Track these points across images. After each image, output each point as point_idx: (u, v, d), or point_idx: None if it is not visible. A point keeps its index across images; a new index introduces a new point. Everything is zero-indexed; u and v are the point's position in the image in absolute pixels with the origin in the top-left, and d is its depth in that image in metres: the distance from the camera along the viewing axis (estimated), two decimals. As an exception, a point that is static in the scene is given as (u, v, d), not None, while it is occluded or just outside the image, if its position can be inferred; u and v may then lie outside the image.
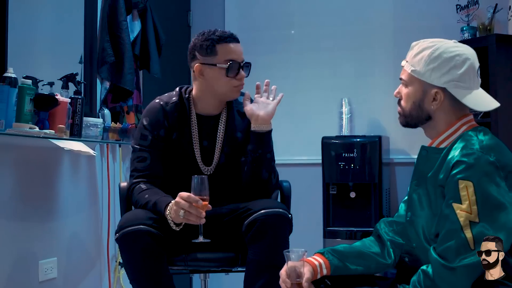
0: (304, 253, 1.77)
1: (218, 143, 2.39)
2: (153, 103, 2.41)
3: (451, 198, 1.65)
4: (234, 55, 2.32)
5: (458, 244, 1.60)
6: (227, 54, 2.31)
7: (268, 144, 2.34)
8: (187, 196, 2.08)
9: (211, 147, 2.39)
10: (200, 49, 2.32)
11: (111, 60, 3.32)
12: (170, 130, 2.37)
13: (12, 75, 2.47)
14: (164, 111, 2.37)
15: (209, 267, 2.37)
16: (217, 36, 2.31)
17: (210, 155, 2.39)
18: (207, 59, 2.31)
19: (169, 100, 2.40)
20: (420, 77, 1.77)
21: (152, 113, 2.37)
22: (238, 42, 2.35)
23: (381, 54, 4.03)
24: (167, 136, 2.36)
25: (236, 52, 2.32)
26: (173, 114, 2.37)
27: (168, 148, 2.37)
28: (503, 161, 1.66)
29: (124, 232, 2.14)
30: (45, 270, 2.86)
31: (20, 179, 2.74)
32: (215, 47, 2.30)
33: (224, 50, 2.30)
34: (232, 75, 2.31)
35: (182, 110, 2.39)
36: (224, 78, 2.31)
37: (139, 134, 2.37)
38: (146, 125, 2.36)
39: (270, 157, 2.34)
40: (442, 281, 1.62)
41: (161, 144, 2.35)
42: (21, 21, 2.79)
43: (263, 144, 2.32)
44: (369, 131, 3.95)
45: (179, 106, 2.39)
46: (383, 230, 1.95)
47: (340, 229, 3.71)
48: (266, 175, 2.32)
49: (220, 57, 2.30)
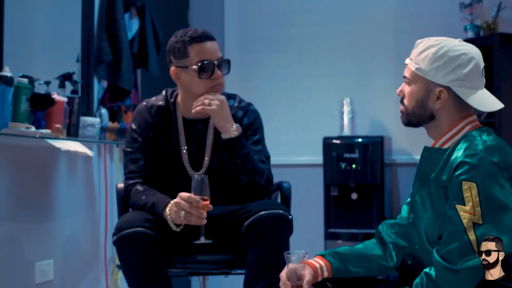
0: (305, 255, 1.75)
1: (208, 148, 2.36)
2: (140, 106, 2.40)
3: (454, 200, 1.63)
4: (206, 55, 2.25)
5: (461, 246, 1.59)
6: (199, 55, 2.25)
7: (235, 150, 2.25)
8: (187, 196, 2.07)
9: (200, 152, 2.36)
10: (173, 52, 2.28)
11: (108, 59, 3.31)
12: (157, 133, 2.35)
13: (8, 74, 2.46)
14: (150, 114, 2.36)
15: (208, 269, 2.35)
16: (188, 37, 2.25)
17: (200, 160, 2.36)
18: (180, 62, 2.27)
19: (155, 103, 2.38)
20: (424, 75, 1.75)
21: (140, 116, 2.37)
22: (211, 40, 2.28)
23: (383, 54, 4.01)
24: (155, 139, 2.35)
25: (208, 51, 2.26)
26: (158, 117, 2.36)
27: (156, 151, 2.36)
28: (507, 161, 1.65)
29: (121, 234, 2.13)
30: (42, 272, 2.85)
31: (16, 180, 2.73)
32: (186, 48, 2.25)
33: (195, 51, 2.25)
34: (206, 76, 2.25)
35: (167, 114, 2.37)
36: (198, 79, 2.25)
37: (129, 138, 2.37)
38: (135, 129, 2.35)
39: (242, 162, 2.25)
40: (445, 283, 1.60)
41: (151, 146, 2.35)
42: (17, 19, 2.80)
43: (229, 152, 2.26)
44: (371, 131, 3.94)
45: (164, 110, 2.37)
46: (385, 232, 1.94)
47: (342, 230, 3.70)
48: (246, 179, 2.26)
49: (191, 58, 2.25)
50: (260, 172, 2.28)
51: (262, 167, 2.30)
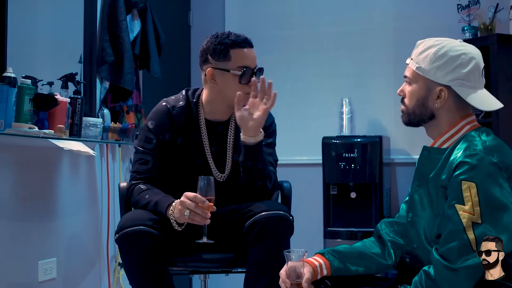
0: (304, 253, 1.76)
1: (229, 151, 2.35)
2: (160, 106, 2.36)
3: (454, 199, 1.64)
4: (248, 61, 2.26)
5: (460, 245, 1.60)
6: (241, 60, 2.25)
7: (257, 156, 2.23)
8: (193, 196, 2.07)
9: (220, 154, 2.35)
10: (213, 52, 2.26)
11: (110, 59, 3.31)
12: (175, 135, 2.33)
13: (12, 75, 2.46)
14: (170, 115, 2.33)
15: (209, 268, 2.36)
16: (231, 41, 2.24)
17: (220, 162, 2.35)
18: (219, 64, 2.26)
19: (176, 104, 2.35)
20: (425, 74, 1.76)
21: (158, 116, 2.33)
22: (252, 47, 2.29)
23: (381, 54, 4.02)
24: (171, 141, 2.33)
25: (250, 58, 2.27)
26: (179, 118, 2.33)
27: (172, 153, 2.33)
28: (506, 162, 1.66)
29: (124, 233, 2.13)
30: (45, 270, 2.85)
31: (19, 179, 2.74)
32: (229, 51, 2.24)
33: (238, 55, 2.24)
34: (245, 82, 2.25)
35: (189, 115, 2.35)
36: (237, 84, 2.24)
37: (143, 136, 2.33)
38: (152, 128, 2.32)
39: (262, 167, 2.25)
40: (444, 282, 1.61)
41: (165, 148, 2.32)
42: (21, 20, 2.78)
43: (252, 157, 2.23)
44: (370, 131, 3.95)
45: (186, 111, 2.34)
46: (384, 230, 1.95)
47: (341, 229, 3.70)
48: (260, 183, 2.26)
49: (233, 62, 2.24)
50: (269, 176, 2.29)
51: (271, 171, 2.31)
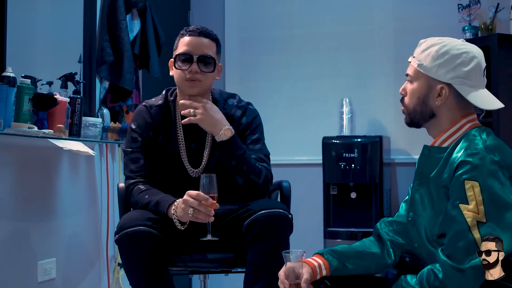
0: (302, 253, 1.76)
1: (207, 147, 2.37)
2: (140, 107, 2.42)
3: (457, 199, 1.64)
4: (188, 47, 2.29)
5: (466, 244, 1.60)
6: (181, 47, 2.31)
7: (228, 152, 2.26)
8: (196, 194, 2.07)
9: (199, 150, 2.37)
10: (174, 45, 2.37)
11: (110, 59, 3.32)
12: (156, 133, 2.37)
13: (11, 75, 2.47)
14: (149, 114, 2.37)
15: (208, 268, 2.36)
16: (183, 31, 2.34)
17: (199, 158, 2.37)
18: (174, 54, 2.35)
19: (154, 103, 2.40)
20: (427, 72, 1.77)
21: (139, 116, 2.38)
22: (202, 37, 2.31)
23: (382, 54, 4.02)
24: (154, 138, 2.36)
25: (191, 44, 2.30)
26: (157, 116, 2.37)
27: (156, 150, 2.36)
28: (507, 161, 1.66)
29: (123, 233, 2.13)
30: (44, 271, 2.85)
31: (18, 179, 2.74)
32: (178, 41, 2.34)
33: (181, 43, 2.33)
34: (181, 67, 2.29)
35: (167, 113, 2.39)
36: (175, 70, 2.32)
37: (129, 137, 2.38)
38: (135, 128, 2.36)
39: (237, 163, 2.25)
40: (451, 282, 1.61)
41: (151, 145, 2.35)
42: (20, 20, 2.78)
43: (223, 154, 2.28)
44: (370, 131, 3.95)
45: (164, 109, 2.39)
46: (383, 230, 1.95)
47: (341, 229, 3.70)
48: (242, 180, 2.27)
49: (177, 50, 2.33)
50: (257, 172, 2.28)
51: (259, 167, 2.29)
